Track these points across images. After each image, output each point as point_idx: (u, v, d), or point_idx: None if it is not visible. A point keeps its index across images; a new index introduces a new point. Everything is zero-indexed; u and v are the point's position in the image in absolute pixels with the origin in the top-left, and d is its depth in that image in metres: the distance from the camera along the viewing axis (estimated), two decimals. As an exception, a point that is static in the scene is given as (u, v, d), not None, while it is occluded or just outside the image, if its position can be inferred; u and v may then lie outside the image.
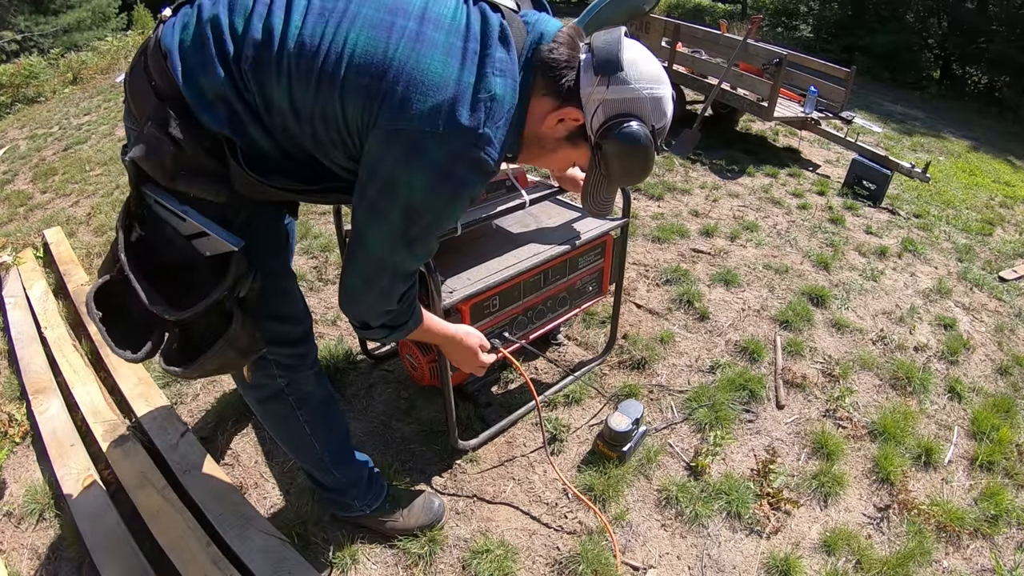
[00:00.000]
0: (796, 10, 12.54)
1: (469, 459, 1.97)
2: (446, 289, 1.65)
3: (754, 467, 1.99)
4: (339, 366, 2.32)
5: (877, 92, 9.12)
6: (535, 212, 2.08)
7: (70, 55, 8.44)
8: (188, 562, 1.55)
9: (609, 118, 1.13)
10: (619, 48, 1.10)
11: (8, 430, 2.03)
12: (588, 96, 1.12)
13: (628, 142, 1.14)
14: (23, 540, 1.72)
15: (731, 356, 2.52)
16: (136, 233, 1.13)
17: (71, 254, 3.06)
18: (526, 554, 1.70)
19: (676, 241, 3.43)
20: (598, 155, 1.19)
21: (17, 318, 2.58)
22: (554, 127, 1.17)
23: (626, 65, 1.11)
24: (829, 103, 5.16)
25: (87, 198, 3.99)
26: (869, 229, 3.87)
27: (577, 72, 1.12)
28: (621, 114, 1.13)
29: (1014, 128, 8.73)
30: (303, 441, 1.50)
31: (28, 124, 6.39)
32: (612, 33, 1.13)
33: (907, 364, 2.53)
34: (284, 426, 1.49)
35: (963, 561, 1.78)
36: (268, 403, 1.43)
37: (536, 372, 2.37)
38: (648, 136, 1.15)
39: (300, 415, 1.45)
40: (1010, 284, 3.41)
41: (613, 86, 1.11)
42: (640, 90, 1.13)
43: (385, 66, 1.01)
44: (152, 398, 2.10)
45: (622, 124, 1.12)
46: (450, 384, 1.73)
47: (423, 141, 1.02)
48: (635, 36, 1.18)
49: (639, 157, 1.18)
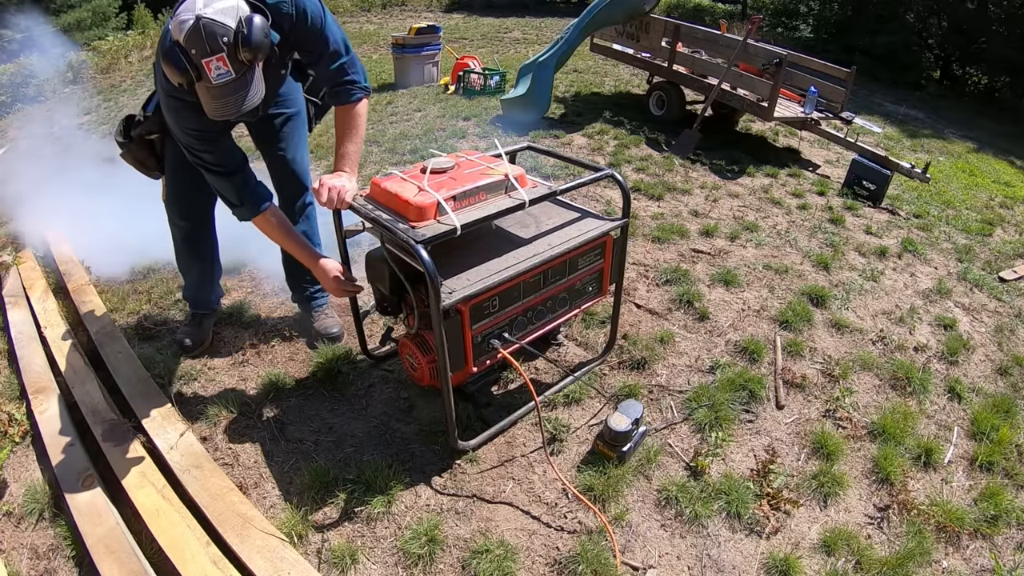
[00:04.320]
0: (796, 10, 12.52)
1: (469, 459, 1.97)
2: (446, 289, 1.65)
3: (754, 467, 1.99)
4: (339, 366, 2.32)
5: (877, 92, 9.12)
6: (535, 212, 2.08)
7: (70, 55, 8.41)
8: (188, 562, 1.54)
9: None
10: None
11: (8, 430, 2.03)
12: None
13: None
14: (23, 540, 1.72)
15: (731, 356, 2.52)
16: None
17: (71, 254, 3.06)
18: (526, 554, 1.70)
19: (676, 241, 3.43)
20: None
21: (17, 318, 2.58)
22: None
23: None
24: (829, 103, 5.16)
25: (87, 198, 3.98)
26: (869, 229, 3.87)
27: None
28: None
29: (1014, 128, 8.72)
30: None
31: (28, 124, 6.38)
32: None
33: (907, 364, 2.53)
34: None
35: (963, 561, 1.78)
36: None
37: (536, 372, 2.37)
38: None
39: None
40: (1010, 284, 3.41)
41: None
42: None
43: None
44: (152, 398, 2.10)
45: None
46: (450, 384, 1.73)
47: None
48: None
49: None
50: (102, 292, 2.80)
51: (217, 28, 1.46)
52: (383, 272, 1.92)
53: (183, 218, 2.25)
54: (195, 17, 1.45)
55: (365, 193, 1.87)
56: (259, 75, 1.62)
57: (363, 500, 1.80)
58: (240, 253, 3.02)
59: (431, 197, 1.69)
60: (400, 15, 13.01)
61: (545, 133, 5.08)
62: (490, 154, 2.04)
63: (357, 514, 1.78)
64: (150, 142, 2.09)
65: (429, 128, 5.14)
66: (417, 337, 1.90)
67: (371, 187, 1.84)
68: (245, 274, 2.98)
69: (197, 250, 2.36)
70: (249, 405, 2.17)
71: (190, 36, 1.45)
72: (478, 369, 1.85)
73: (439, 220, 1.68)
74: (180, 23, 1.46)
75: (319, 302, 2.56)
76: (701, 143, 4.88)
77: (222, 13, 1.47)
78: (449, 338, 1.67)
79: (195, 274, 2.42)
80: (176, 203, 2.21)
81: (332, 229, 2.03)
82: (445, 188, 1.74)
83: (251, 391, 2.24)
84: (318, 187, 1.76)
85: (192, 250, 2.35)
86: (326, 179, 1.77)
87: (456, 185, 1.76)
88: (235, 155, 1.86)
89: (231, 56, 1.49)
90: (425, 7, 14.04)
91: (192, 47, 1.46)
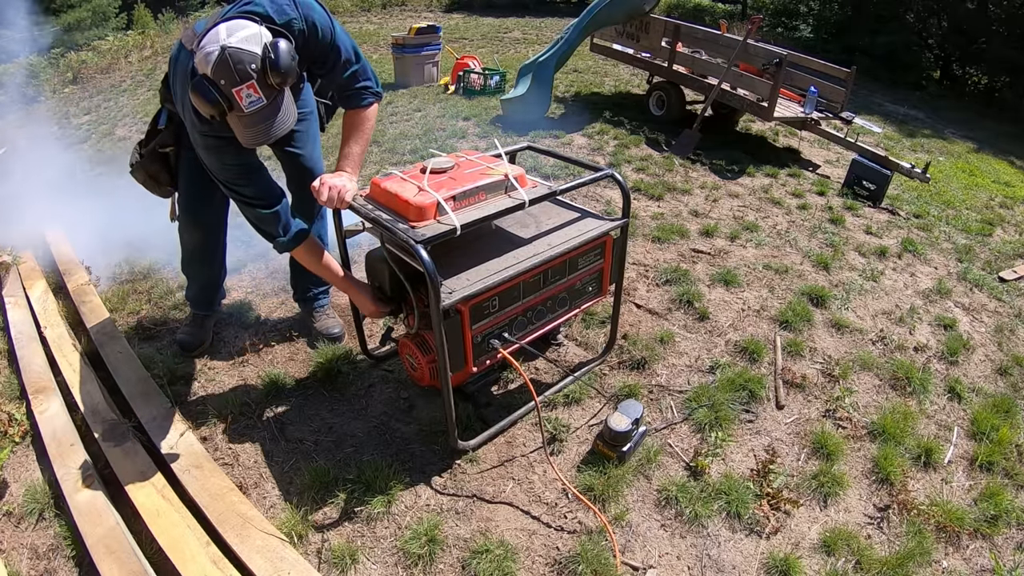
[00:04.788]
0: (796, 10, 12.51)
1: (469, 459, 1.97)
2: (445, 290, 1.65)
3: (754, 467, 1.99)
4: (339, 366, 2.32)
5: (877, 92, 9.11)
6: (535, 212, 2.08)
7: (70, 55, 8.41)
8: (188, 562, 1.55)
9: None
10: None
11: (8, 430, 2.03)
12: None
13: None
14: (23, 540, 1.72)
15: (731, 356, 2.52)
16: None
17: (71, 254, 3.06)
18: (526, 554, 1.70)
19: (676, 241, 3.43)
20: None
21: (17, 318, 2.58)
22: None
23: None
24: (829, 103, 5.16)
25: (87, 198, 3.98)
26: (869, 229, 3.87)
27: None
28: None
29: (1014, 128, 8.72)
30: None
31: (28, 124, 6.38)
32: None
33: (907, 364, 2.53)
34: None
35: (963, 561, 1.78)
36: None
37: (536, 372, 2.37)
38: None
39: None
40: (1010, 284, 3.41)
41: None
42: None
43: None
44: (152, 398, 2.10)
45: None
46: (450, 384, 1.73)
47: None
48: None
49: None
50: (101, 292, 2.80)
51: (244, 56, 1.44)
52: (383, 272, 1.92)
53: (197, 230, 2.25)
54: (220, 48, 1.43)
55: (365, 193, 1.87)
56: (289, 98, 1.60)
57: (363, 500, 1.80)
58: (240, 253, 3.03)
59: (431, 197, 1.69)
60: (400, 15, 13.00)
61: (545, 133, 5.08)
62: (490, 154, 2.04)
63: (357, 514, 1.78)
64: (164, 155, 2.07)
65: (429, 128, 5.14)
66: (417, 337, 1.90)
67: (371, 187, 1.84)
68: (245, 274, 2.98)
69: (208, 260, 2.36)
70: (249, 405, 2.17)
71: (218, 67, 1.43)
72: (478, 369, 1.85)
73: (439, 220, 1.68)
74: (206, 55, 1.45)
75: (320, 302, 2.56)
76: (701, 143, 4.88)
77: (247, 41, 1.46)
78: (449, 338, 1.67)
79: (202, 279, 2.42)
80: (191, 215, 2.20)
81: (332, 229, 2.03)
82: (445, 188, 1.74)
83: (251, 391, 2.24)
84: (318, 186, 1.76)
85: (203, 260, 2.35)
86: (327, 178, 1.77)
87: (456, 185, 1.76)
88: (274, 188, 1.85)
89: (261, 83, 1.47)
90: (425, 7, 14.04)
91: (221, 78, 1.44)
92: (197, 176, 1.99)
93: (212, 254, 2.35)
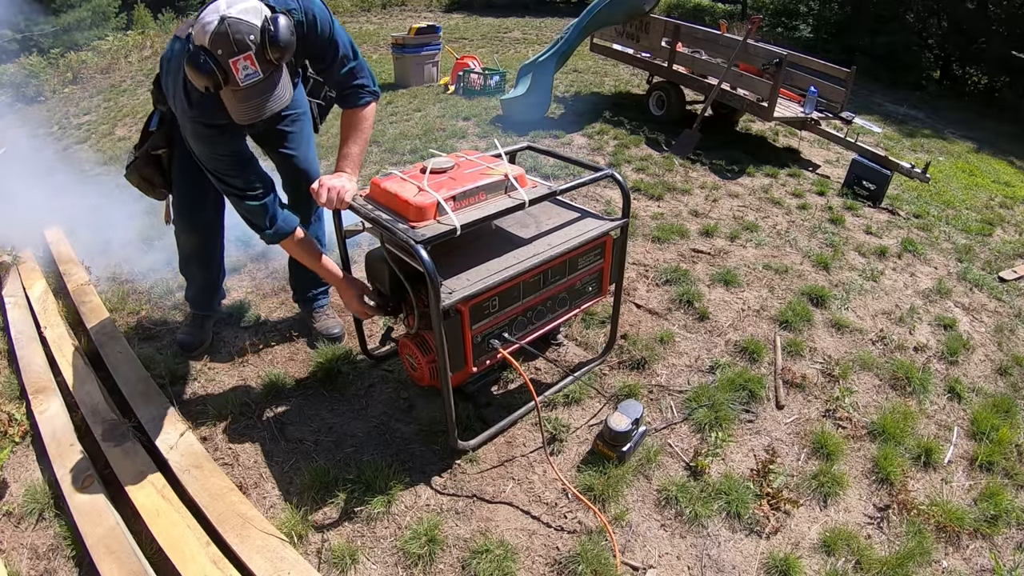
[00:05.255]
0: (796, 10, 12.51)
1: (469, 459, 1.97)
2: (445, 290, 1.65)
3: (754, 467, 1.99)
4: (339, 366, 2.32)
5: (877, 92, 9.11)
6: (535, 212, 2.08)
7: (70, 55, 8.41)
8: (188, 562, 1.55)
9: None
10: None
11: (8, 430, 2.03)
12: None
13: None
14: (23, 540, 1.72)
15: (731, 356, 2.52)
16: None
17: (71, 254, 3.06)
18: (526, 554, 1.70)
19: (676, 241, 3.43)
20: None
21: (17, 318, 2.58)
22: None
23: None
24: (829, 103, 5.16)
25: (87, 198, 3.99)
26: (869, 229, 3.87)
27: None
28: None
29: (1014, 128, 8.71)
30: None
31: (28, 124, 6.38)
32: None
33: (907, 364, 2.53)
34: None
35: (962, 561, 1.78)
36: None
37: (536, 372, 2.37)
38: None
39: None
40: (1010, 284, 3.41)
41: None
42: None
43: None
44: (152, 398, 2.09)
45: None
46: (450, 384, 1.73)
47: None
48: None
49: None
50: (101, 292, 2.80)
51: (243, 27, 1.42)
52: (383, 272, 1.92)
53: (193, 233, 2.24)
54: (220, 17, 1.42)
55: (365, 193, 1.87)
56: (286, 76, 1.58)
57: (363, 500, 1.80)
58: (240, 253, 3.03)
59: (431, 197, 1.69)
60: (400, 15, 13.01)
61: (545, 133, 5.08)
62: (490, 154, 2.04)
63: (357, 514, 1.78)
64: (156, 157, 2.06)
65: (429, 128, 5.14)
66: (417, 337, 1.90)
67: (371, 187, 1.84)
68: (245, 274, 2.98)
69: (205, 262, 2.35)
70: (249, 405, 2.17)
71: (216, 36, 1.41)
72: (478, 369, 1.85)
73: (439, 220, 1.68)
74: (204, 25, 1.43)
75: (320, 303, 2.56)
76: (701, 143, 4.88)
77: (246, 12, 1.44)
78: (449, 338, 1.67)
79: (200, 281, 2.41)
80: (186, 217, 2.19)
81: (332, 229, 2.03)
82: (445, 188, 1.74)
83: (251, 391, 2.24)
84: (317, 187, 1.76)
85: (200, 263, 2.34)
86: (326, 179, 1.77)
87: (456, 185, 1.76)
88: (264, 179, 1.84)
89: (259, 55, 1.46)
90: (425, 7, 14.04)
91: (218, 47, 1.42)
92: (191, 178, 1.99)
93: (209, 256, 2.34)
